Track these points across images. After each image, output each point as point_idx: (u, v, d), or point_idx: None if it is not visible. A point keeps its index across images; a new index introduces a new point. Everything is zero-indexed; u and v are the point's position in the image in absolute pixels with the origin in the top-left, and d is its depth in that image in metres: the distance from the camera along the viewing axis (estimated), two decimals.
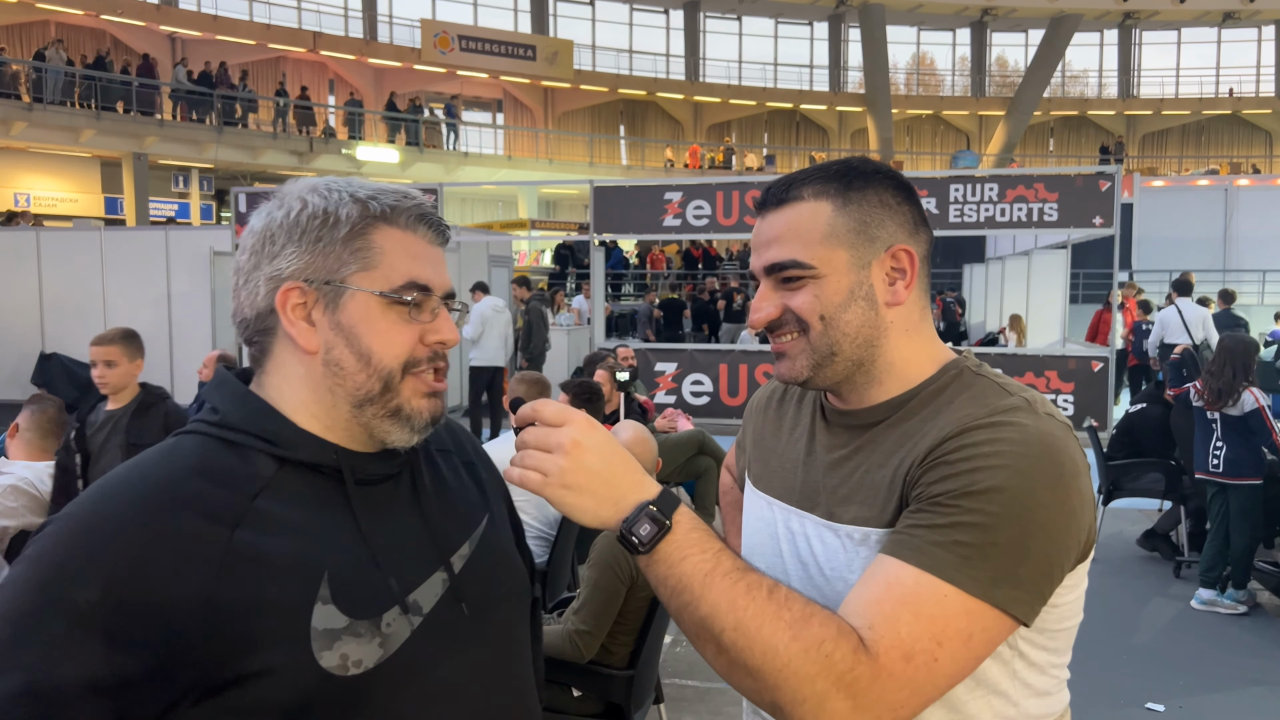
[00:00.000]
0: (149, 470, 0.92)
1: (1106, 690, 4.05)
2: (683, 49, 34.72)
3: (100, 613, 0.84)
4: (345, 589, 0.93)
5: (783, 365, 1.14)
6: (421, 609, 0.98)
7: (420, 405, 1.01)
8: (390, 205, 1.01)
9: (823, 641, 0.92)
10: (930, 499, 0.99)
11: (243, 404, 0.99)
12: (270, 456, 0.96)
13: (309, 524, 0.94)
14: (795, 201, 1.11)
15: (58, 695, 0.82)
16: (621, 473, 0.98)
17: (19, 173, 23.78)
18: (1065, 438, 1.02)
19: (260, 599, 0.88)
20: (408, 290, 0.99)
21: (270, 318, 0.99)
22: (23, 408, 3.60)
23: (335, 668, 0.90)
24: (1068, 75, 36.42)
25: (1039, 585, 0.97)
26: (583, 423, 0.98)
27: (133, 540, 0.86)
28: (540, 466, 0.97)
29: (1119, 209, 9.86)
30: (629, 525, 0.96)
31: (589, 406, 4.44)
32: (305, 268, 0.98)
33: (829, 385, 1.14)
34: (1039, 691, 1.08)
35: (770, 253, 1.12)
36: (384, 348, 0.98)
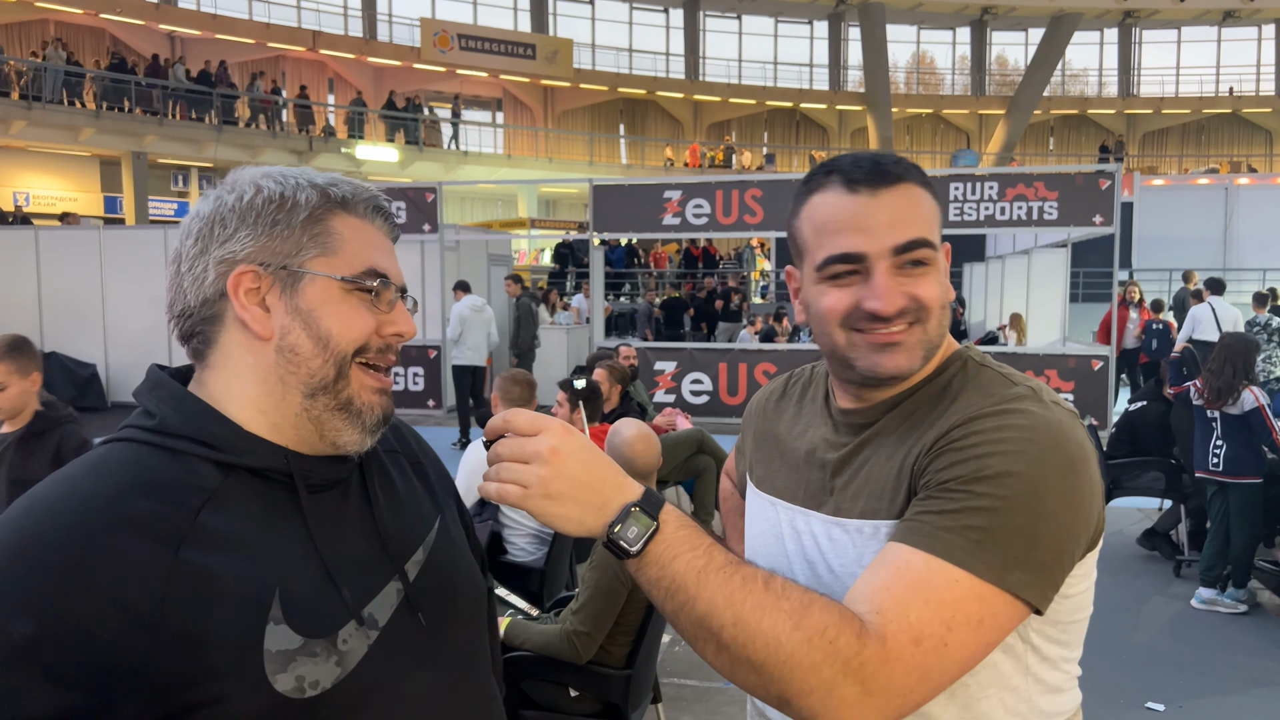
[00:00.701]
0: (80, 486, 0.85)
1: (1107, 690, 4.04)
2: (682, 48, 34.71)
3: (36, 646, 0.78)
4: (298, 607, 0.88)
5: (895, 357, 1.06)
6: (377, 622, 0.94)
7: (371, 400, 0.97)
8: (348, 193, 0.99)
9: (825, 628, 0.90)
10: (939, 485, 0.98)
11: (181, 406, 0.93)
12: (215, 464, 0.90)
13: (258, 538, 0.89)
14: (904, 182, 1.07)
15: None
16: (604, 476, 0.96)
17: (18, 172, 23.77)
18: (1073, 425, 1.02)
19: (208, 624, 0.83)
20: (369, 277, 0.97)
21: (219, 304, 0.94)
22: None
23: (291, 690, 0.85)
24: (1068, 74, 36.41)
25: (1051, 571, 0.96)
26: (559, 429, 0.96)
27: (67, 567, 0.80)
28: (519, 478, 0.94)
29: (1119, 208, 9.85)
30: (615, 528, 0.94)
31: (587, 405, 4.44)
32: (259, 251, 0.94)
33: (906, 378, 1.09)
34: (1051, 687, 1.07)
35: (900, 231, 1.04)
36: (341, 330, 0.95)
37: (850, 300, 1.06)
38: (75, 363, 12.80)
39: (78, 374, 12.69)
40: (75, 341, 13.03)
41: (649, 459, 3.01)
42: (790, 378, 1.33)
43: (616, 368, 5.70)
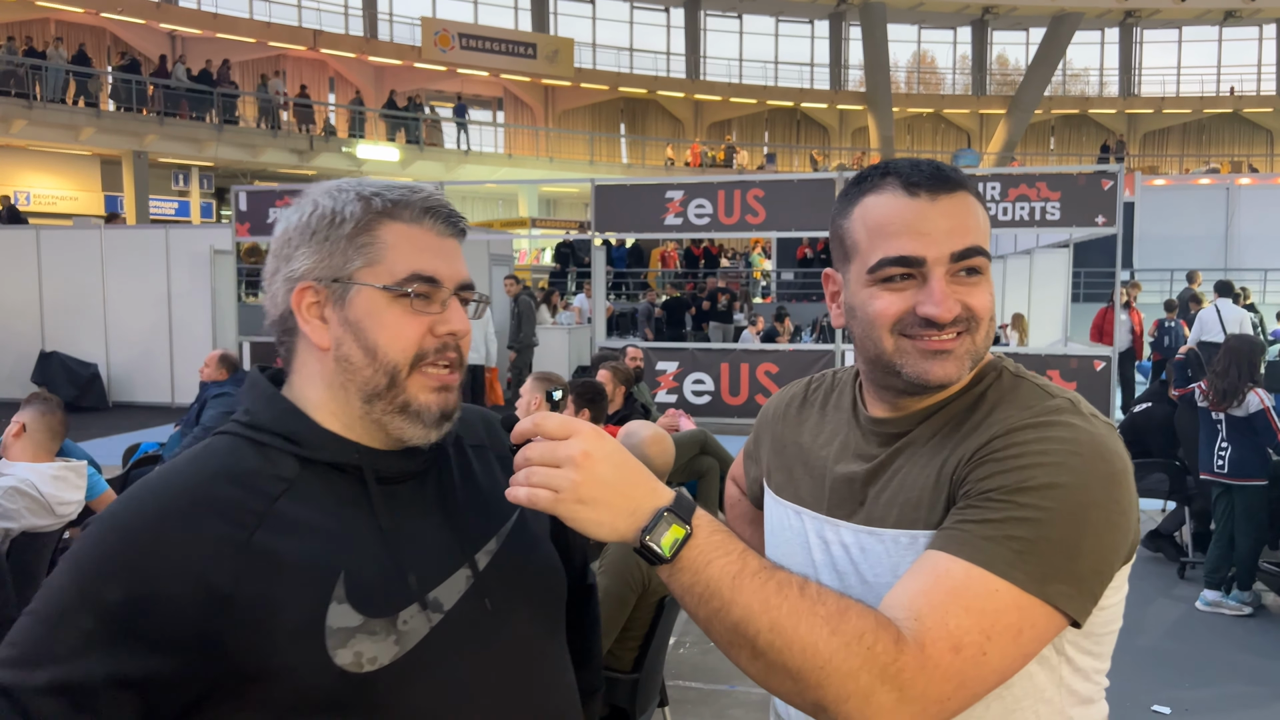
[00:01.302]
0: (179, 473, 0.96)
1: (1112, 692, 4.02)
2: (683, 47, 34.69)
3: (125, 612, 0.87)
4: (361, 588, 0.94)
5: (944, 365, 1.05)
6: (442, 606, 0.99)
7: (429, 400, 1.00)
8: (394, 200, 1.02)
9: (863, 634, 0.89)
10: (981, 494, 0.97)
11: (269, 405, 1.02)
12: (294, 457, 0.99)
13: (329, 525, 0.96)
14: (963, 190, 1.06)
15: (86, 689, 0.85)
16: (635, 480, 0.95)
17: (19, 171, 23.76)
18: (1111, 438, 1.02)
19: (276, 600, 0.90)
20: (411, 282, 0.99)
21: (291, 318, 1.02)
22: (23, 407, 3.55)
23: (349, 665, 0.91)
24: (1069, 74, 36.41)
25: (1091, 583, 0.96)
26: (590, 433, 0.94)
27: (157, 542, 0.89)
28: (549, 483, 0.92)
29: (1121, 208, 9.84)
30: (647, 533, 0.93)
31: (592, 406, 4.43)
32: (315, 267, 1.00)
33: (948, 386, 1.08)
34: (1083, 699, 1.07)
35: (959, 238, 1.04)
36: (389, 341, 0.99)
37: (903, 305, 1.05)
38: (77, 362, 12.79)
39: (79, 374, 12.68)
40: (76, 341, 13.02)
41: (666, 460, 3.00)
42: (810, 383, 1.31)
43: (620, 369, 5.69)
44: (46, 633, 0.88)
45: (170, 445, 5.73)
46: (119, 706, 0.86)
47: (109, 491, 4.11)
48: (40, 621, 0.89)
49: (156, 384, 12.93)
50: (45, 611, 0.89)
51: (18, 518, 3.26)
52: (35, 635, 0.88)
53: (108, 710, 0.86)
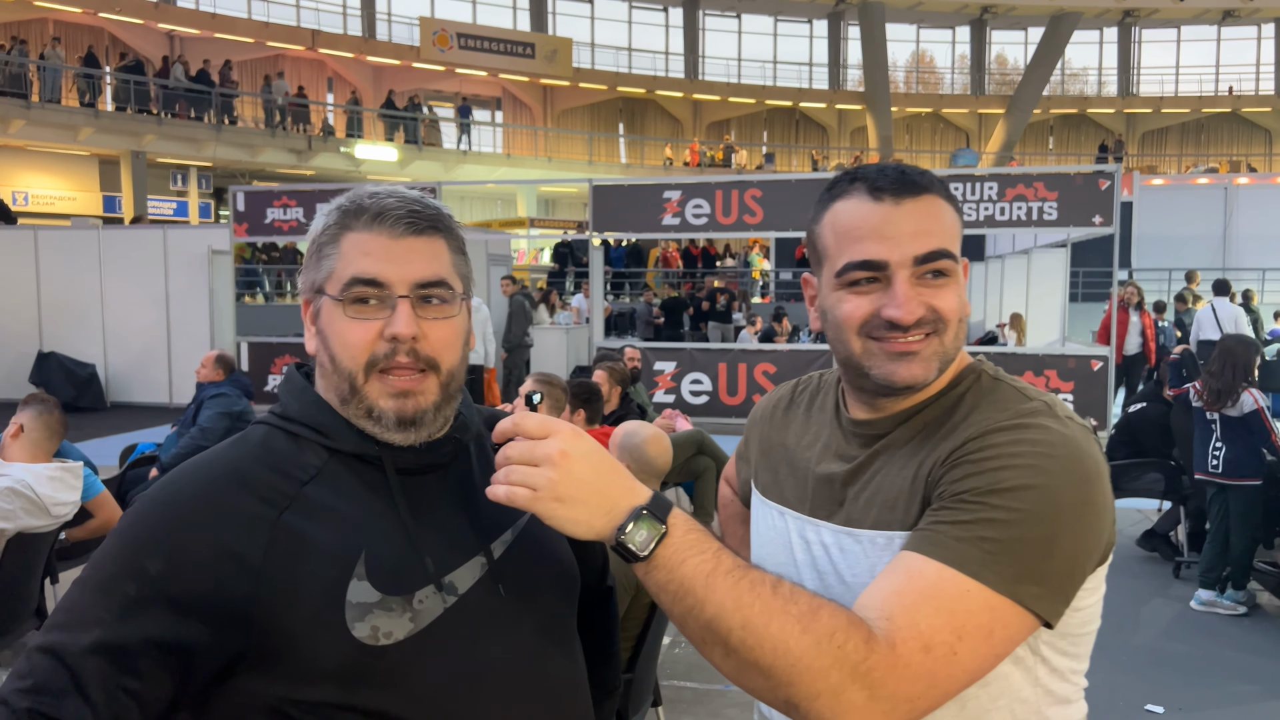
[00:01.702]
0: (218, 457, 1.04)
1: (1106, 692, 4.04)
2: (682, 47, 34.70)
3: (164, 581, 0.94)
4: (381, 568, 1.00)
5: (911, 367, 1.06)
6: (457, 589, 1.04)
7: (386, 405, 1.03)
8: (348, 208, 1.05)
9: (834, 632, 0.90)
10: (955, 496, 0.98)
11: (300, 397, 1.09)
12: (322, 447, 1.05)
13: (353, 510, 1.02)
14: (928, 193, 1.07)
15: (127, 651, 0.92)
16: (612, 480, 0.97)
17: (17, 171, 23.76)
18: (1086, 440, 1.02)
19: (301, 575, 0.97)
20: (350, 287, 1.02)
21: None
22: (21, 407, 3.56)
23: (366, 638, 0.97)
24: (1067, 73, 36.42)
25: (1062, 585, 0.97)
26: (568, 433, 0.97)
27: (195, 517, 0.97)
28: (528, 481, 0.94)
29: (1119, 207, 9.85)
30: (623, 531, 0.94)
31: (587, 407, 4.43)
32: (305, 281, 1.09)
33: (921, 388, 1.10)
34: (1060, 699, 1.08)
35: (922, 241, 1.05)
36: (341, 348, 1.03)
37: (869, 308, 1.07)
38: (74, 363, 12.79)
39: (77, 374, 12.68)
40: (74, 341, 13.02)
41: (665, 460, 3.02)
42: (798, 385, 1.33)
43: (617, 369, 5.70)
44: (92, 599, 0.94)
45: (167, 446, 5.73)
46: (156, 668, 0.93)
47: (105, 492, 4.11)
48: (88, 589, 0.95)
49: (154, 384, 12.93)
50: (92, 579, 0.96)
51: (13, 518, 3.26)
52: (82, 601, 0.95)
53: (146, 671, 0.92)
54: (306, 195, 11.57)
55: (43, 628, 0.97)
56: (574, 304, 15.60)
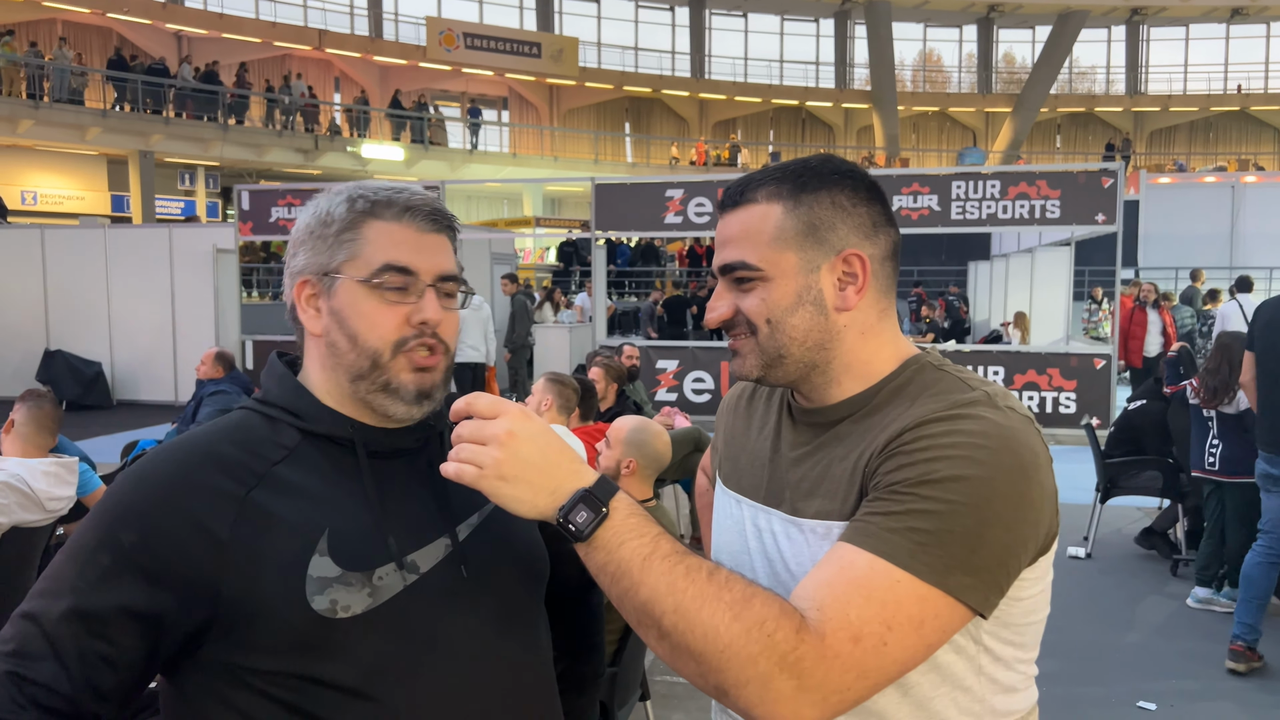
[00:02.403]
0: (196, 435, 1.09)
1: (1099, 688, 4.04)
2: (688, 46, 34.69)
3: (137, 552, 0.98)
4: (343, 545, 1.03)
5: (736, 363, 1.15)
6: (419, 568, 1.07)
7: (407, 379, 1.09)
8: (375, 200, 1.12)
9: (764, 621, 0.91)
10: (887, 487, 0.99)
11: (280, 383, 1.14)
12: (295, 429, 1.10)
13: (321, 489, 1.06)
14: (749, 203, 1.12)
15: (101, 617, 0.97)
16: (557, 461, 0.99)
17: (26, 171, 23.88)
18: (1026, 430, 1.02)
19: (265, 549, 1.01)
20: (383, 273, 1.08)
21: (295, 308, 1.15)
22: (17, 403, 3.59)
23: (325, 610, 1.00)
24: (1075, 72, 36.30)
25: (994, 575, 0.97)
26: (516, 413, 1.00)
27: (168, 492, 1.01)
28: (475, 459, 0.98)
29: (1122, 206, 9.82)
30: (565, 512, 0.97)
31: (581, 403, 4.45)
32: (310, 263, 1.12)
33: (783, 383, 1.15)
34: (1005, 687, 1.07)
35: (724, 253, 1.13)
36: (367, 329, 1.08)
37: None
38: (81, 361, 12.86)
39: (83, 372, 12.75)
40: (81, 340, 13.09)
41: (668, 454, 3.07)
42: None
43: (613, 366, 5.71)
44: (70, 568, 1.00)
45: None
46: (128, 635, 0.98)
47: (102, 487, 4.14)
48: (67, 559, 1.01)
49: (160, 382, 13.00)
50: (72, 550, 1.02)
51: (7, 513, 3.29)
52: (62, 571, 1.01)
53: (118, 637, 0.98)
54: (311, 195, 11.60)
55: (28, 594, 1.02)
56: (577, 303, 15.62)
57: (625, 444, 2.96)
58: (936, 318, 16.26)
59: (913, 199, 10.21)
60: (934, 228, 10.37)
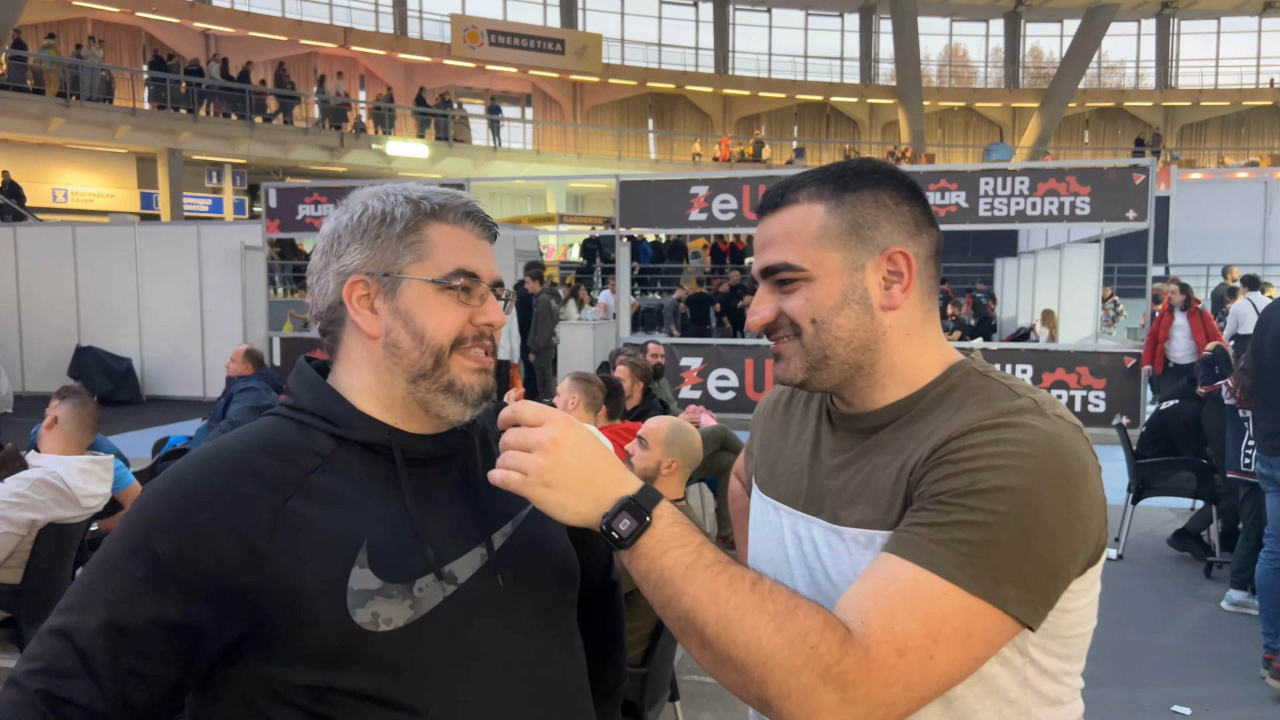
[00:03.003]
0: (226, 445, 1.06)
1: (1132, 692, 4.00)
2: (712, 42, 34.61)
3: (172, 562, 0.96)
4: (383, 556, 1.02)
5: (779, 367, 1.14)
6: (456, 578, 1.06)
7: (471, 380, 1.10)
8: (440, 203, 1.12)
9: (808, 633, 0.90)
10: (933, 497, 0.97)
11: (311, 389, 1.12)
12: (330, 436, 1.08)
13: (358, 497, 1.05)
14: (791, 205, 1.11)
15: (136, 631, 0.95)
16: (601, 469, 1.00)
17: (58, 168, 24.20)
18: (1074, 439, 1.00)
19: (304, 560, 0.99)
20: (456, 276, 1.10)
21: (340, 309, 1.12)
22: (56, 399, 3.63)
23: (367, 624, 0.99)
24: (1104, 66, 35.89)
25: (1043, 587, 0.95)
26: (560, 421, 1.00)
27: (203, 502, 0.99)
28: (520, 466, 0.98)
29: (1153, 202, 9.70)
30: (608, 520, 0.97)
31: (609, 402, 4.45)
32: (366, 263, 1.10)
33: (827, 388, 1.13)
34: (1051, 700, 1.06)
35: (765, 255, 1.12)
36: (435, 326, 1.09)
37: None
38: (112, 357, 13.01)
39: (114, 368, 12.91)
40: (111, 336, 13.25)
41: (691, 453, 3.08)
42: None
43: (639, 364, 5.71)
44: (102, 581, 0.98)
45: (198, 439, 5.83)
46: (164, 649, 0.96)
47: (135, 484, 4.18)
48: (98, 572, 0.99)
49: (188, 378, 13.14)
50: (103, 562, 0.99)
51: (44, 509, 3.34)
52: (92, 583, 0.98)
53: (153, 650, 0.95)
54: (337, 192, 11.70)
55: (55, 609, 0.99)
56: (601, 300, 15.62)
57: (667, 444, 2.97)
58: (964, 315, 16.14)
59: (940, 196, 10.13)
60: (962, 225, 10.29)
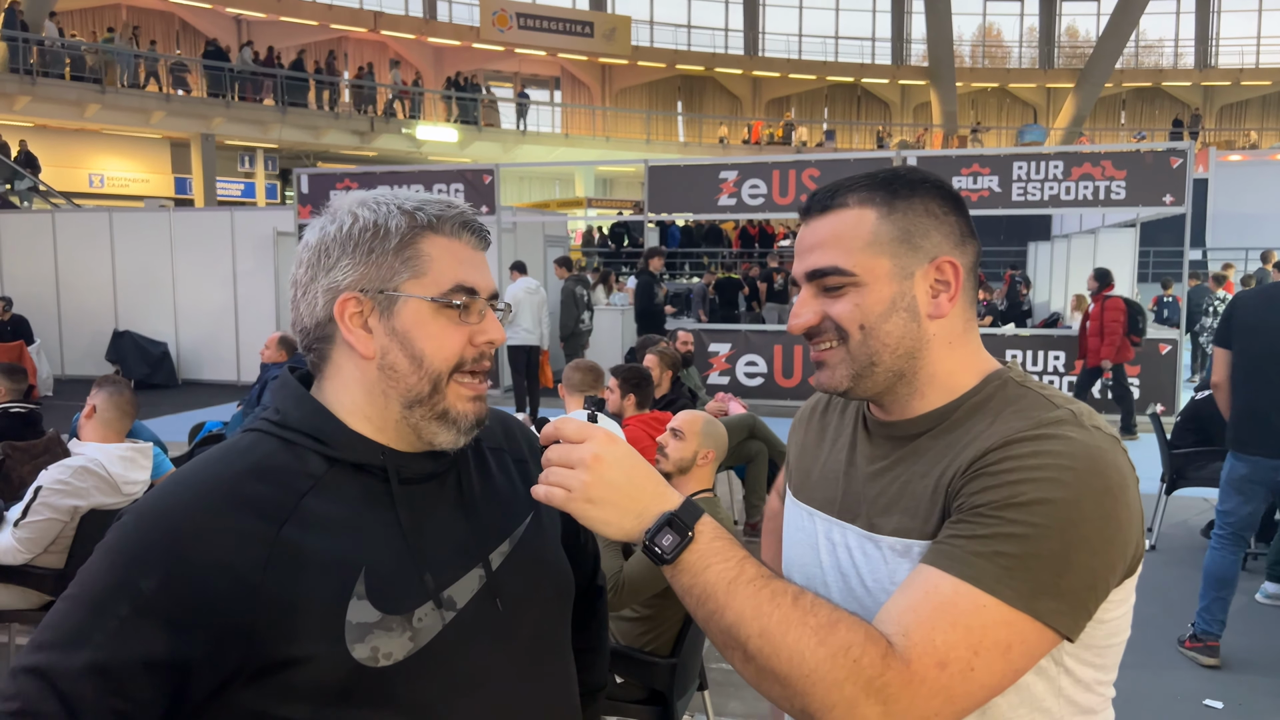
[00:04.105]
0: (211, 468, 1.00)
1: (1164, 685, 3.97)
2: (742, 23, 34.33)
3: (160, 599, 0.91)
4: (380, 585, 0.98)
5: (823, 374, 1.13)
6: (455, 604, 1.03)
7: (465, 409, 1.06)
8: (435, 215, 1.05)
9: (850, 646, 0.92)
10: (972, 509, 0.98)
11: (299, 405, 1.06)
12: (321, 456, 1.02)
13: (352, 522, 1.00)
14: (840, 208, 1.11)
15: (121, 672, 0.90)
16: (643, 484, 1.00)
17: (94, 154, 24.53)
18: (1113, 450, 1.00)
19: (300, 593, 0.94)
20: (455, 294, 1.04)
21: (329, 326, 1.05)
22: (95, 388, 3.71)
23: (366, 659, 0.96)
24: (1141, 45, 35.19)
25: (1082, 598, 0.96)
26: (603, 438, 1.01)
27: (191, 533, 0.93)
28: (563, 482, 0.99)
29: (1190, 187, 9.54)
30: (651, 535, 0.98)
31: (638, 391, 4.47)
32: (360, 278, 1.03)
33: (869, 396, 1.13)
34: (1084, 709, 1.07)
35: (812, 258, 1.11)
36: (435, 350, 1.03)
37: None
38: (148, 341, 13.22)
39: (150, 352, 13.11)
40: (148, 320, 13.45)
41: (717, 446, 3.11)
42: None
43: (667, 353, 5.71)
44: (84, 618, 0.92)
45: (233, 424, 5.92)
46: (150, 688, 0.91)
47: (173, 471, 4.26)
48: (79, 607, 0.93)
49: (223, 362, 13.32)
50: (83, 597, 0.93)
51: (86, 496, 3.41)
52: (73, 620, 0.92)
53: (138, 691, 0.91)
54: (369, 178, 11.78)
55: (28, 646, 0.93)
56: (629, 285, 15.61)
57: (703, 435, 3.01)
58: (995, 300, 15.97)
59: (973, 180, 10.02)
60: (994, 209, 10.17)
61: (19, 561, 3.36)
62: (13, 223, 14.20)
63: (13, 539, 3.34)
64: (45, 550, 3.40)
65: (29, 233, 13.91)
